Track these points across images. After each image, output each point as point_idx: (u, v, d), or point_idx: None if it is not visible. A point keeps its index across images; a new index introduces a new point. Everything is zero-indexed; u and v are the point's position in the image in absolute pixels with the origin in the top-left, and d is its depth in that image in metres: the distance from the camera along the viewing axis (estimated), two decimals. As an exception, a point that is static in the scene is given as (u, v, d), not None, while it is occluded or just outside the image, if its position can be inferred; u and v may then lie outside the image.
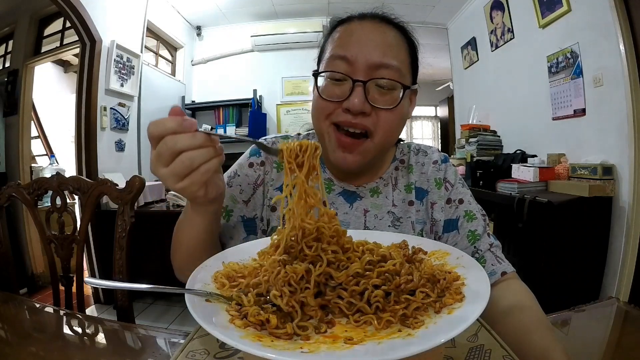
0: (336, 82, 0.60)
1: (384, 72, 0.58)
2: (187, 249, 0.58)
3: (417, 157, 0.74)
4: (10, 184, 1.02)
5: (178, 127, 0.42)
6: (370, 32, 0.60)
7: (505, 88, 2.86)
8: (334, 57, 0.60)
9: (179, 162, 0.42)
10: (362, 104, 0.57)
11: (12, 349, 0.54)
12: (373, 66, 0.58)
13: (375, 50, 0.58)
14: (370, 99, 0.58)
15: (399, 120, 0.62)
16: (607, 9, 1.82)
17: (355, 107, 0.57)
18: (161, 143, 0.42)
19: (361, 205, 0.69)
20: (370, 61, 0.57)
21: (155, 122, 0.42)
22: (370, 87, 0.58)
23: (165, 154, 0.42)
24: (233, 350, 0.43)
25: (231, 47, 3.88)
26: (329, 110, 0.60)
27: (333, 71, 0.60)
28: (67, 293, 0.99)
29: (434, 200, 0.69)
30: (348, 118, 0.58)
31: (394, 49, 0.60)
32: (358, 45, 0.59)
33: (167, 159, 0.42)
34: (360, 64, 0.58)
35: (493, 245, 0.64)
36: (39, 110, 3.38)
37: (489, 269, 0.60)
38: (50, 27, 2.93)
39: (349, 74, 0.58)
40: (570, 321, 0.60)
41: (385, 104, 0.59)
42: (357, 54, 0.58)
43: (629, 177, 1.79)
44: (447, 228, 0.68)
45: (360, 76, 0.58)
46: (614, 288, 1.84)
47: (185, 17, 3.73)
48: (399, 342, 0.28)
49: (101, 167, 2.53)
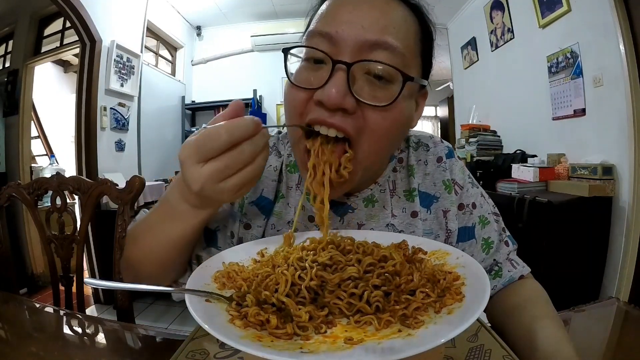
0: (313, 64, 0.45)
1: (380, 54, 0.42)
2: (154, 260, 0.49)
3: (417, 153, 0.61)
4: (10, 184, 1.02)
5: (254, 130, 0.37)
6: (369, 3, 0.44)
7: (505, 88, 2.86)
8: (313, 34, 0.44)
9: (249, 170, 0.37)
10: (342, 95, 0.41)
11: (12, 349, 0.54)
12: (365, 45, 0.42)
13: (372, 25, 0.42)
14: (356, 91, 0.42)
15: (396, 126, 0.46)
16: (607, 9, 1.82)
17: (331, 99, 0.41)
18: (237, 151, 0.36)
19: (354, 219, 0.57)
20: (361, 38, 0.42)
21: (233, 125, 0.36)
22: (358, 74, 0.43)
23: (236, 165, 0.37)
24: (233, 350, 0.43)
25: (231, 47, 3.89)
26: (301, 105, 0.45)
27: (307, 46, 0.44)
28: (67, 293, 0.99)
29: (446, 207, 0.58)
30: (321, 115, 0.43)
31: (398, 27, 0.43)
32: (348, 17, 0.42)
33: (235, 169, 0.37)
34: (348, 41, 0.42)
35: (510, 252, 0.58)
36: (39, 110, 3.38)
37: (506, 276, 0.56)
38: (50, 27, 2.93)
39: (330, 53, 0.42)
40: (570, 321, 0.60)
41: (377, 100, 0.42)
42: (345, 29, 0.42)
43: (629, 177, 1.79)
44: (462, 237, 0.58)
45: (345, 56, 0.42)
46: (614, 288, 1.84)
47: (185, 17, 3.74)
48: (399, 342, 0.28)
49: (101, 167, 2.54)
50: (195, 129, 3.70)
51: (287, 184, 0.60)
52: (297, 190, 0.60)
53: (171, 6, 3.47)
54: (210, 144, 0.35)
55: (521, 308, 0.50)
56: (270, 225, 0.59)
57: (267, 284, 0.37)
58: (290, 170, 0.61)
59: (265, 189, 0.59)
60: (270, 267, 0.41)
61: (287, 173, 0.60)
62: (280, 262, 0.40)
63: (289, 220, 0.58)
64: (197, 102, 3.90)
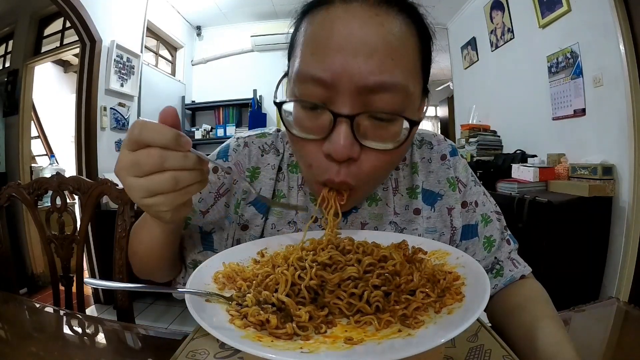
0: (310, 110, 0.42)
1: (382, 97, 0.39)
2: (145, 257, 0.52)
3: (420, 151, 0.61)
4: (10, 184, 1.02)
5: (171, 143, 0.35)
6: (360, 25, 0.39)
7: (505, 88, 2.86)
8: (305, 78, 0.41)
9: (161, 179, 0.35)
10: (350, 147, 0.40)
11: (12, 349, 0.54)
12: (364, 90, 0.39)
13: (368, 60, 0.38)
14: (361, 137, 0.41)
15: (397, 159, 0.48)
16: (607, 9, 1.82)
17: (339, 153, 0.40)
18: (144, 152, 0.35)
19: (357, 218, 0.57)
20: (360, 82, 0.38)
21: (146, 125, 0.35)
22: (360, 120, 0.41)
23: (145, 166, 0.35)
24: (233, 350, 0.43)
25: (231, 47, 3.88)
26: (310, 156, 0.44)
27: (302, 100, 0.42)
28: (67, 293, 0.99)
29: (451, 205, 0.59)
30: (333, 176, 0.43)
31: (398, 52, 0.40)
32: (342, 54, 0.38)
33: (145, 171, 0.35)
34: (345, 86, 0.39)
35: (512, 251, 0.59)
36: (39, 110, 3.38)
37: (507, 275, 0.56)
38: (50, 27, 2.93)
39: (328, 102, 0.40)
40: (570, 321, 0.60)
41: (381, 141, 0.42)
42: (339, 70, 0.38)
43: (629, 177, 1.79)
44: (465, 235, 0.59)
45: (345, 106, 0.39)
46: (614, 288, 1.84)
47: (185, 17, 3.73)
48: (399, 342, 0.28)
49: (101, 167, 2.53)
50: (195, 129, 3.70)
51: (288, 184, 0.60)
52: (299, 191, 0.59)
53: (171, 6, 3.47)
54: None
55: (522, 308, 0.50)
56: (271, 225, 0.58)
57: (267, 284, 0.37)
58: (291, 170, 0.60)
59: (263, 188, 0.58)
60: (270, 267, 0.41)
61: (289, 173, 0.60)
62: (280, 262, 0.40)
63: (290, 221, 0.58)
64: (197, 102, 3.89)
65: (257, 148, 0.60)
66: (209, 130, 3.69)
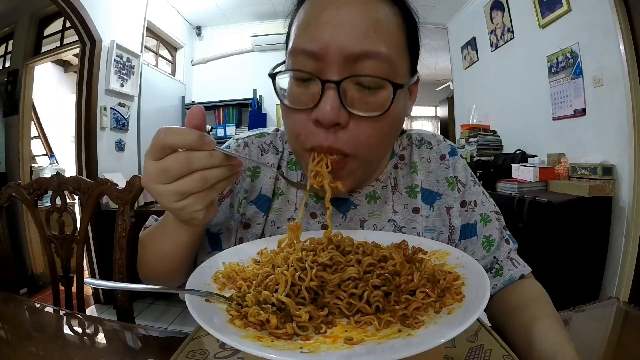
0: (302, 82, 0.46)
1: (367, 64, 0.43)
2: (162, 265, 0.52)
3: (420, 151, 0.62)
4: (10, 184, 1.02)
5: (196, 144, 0.36)
6: (346, 3, 0.43)
7: (505, 88, 2.86)
8: (297, 51, 0.45)
9: (190, 180, 0.37)
10: (337, 112, 0.42)
11: (12, 349, 0.54)
12: (350, 57, 0.42)
13: (353, 32, 0.42)
14: (348, 104, 0.43)
15: (388, 129, 0.48)
16: (607, 9, 1.82)
17: (326, 118, 0.42)
18: (171, 158, 0.36)
19: (357, 215, 0.58)
20: (345, 50, 0.42)
21: (170, 130, 0.36)
22: (347, 87, 0.43)
23: (173, 171, 0.36)
24: (233, 350, 0.43)
25: (231, 47, 3.88)
26: (299, 125, 0.47)
27: (295, 70, 0.45)
28: (67, 293, 0.99)
29: (450, 204, 0.59)
30: (321, 141, 0.45)
31: (381, 26, 0.43)
32: (329, 28, 0.42)
33: (174, 176, 0.37)
34: (332, 56, 0.42)
35: (511, 251, 0.59)
36: (39, 110, 3.39)
37: (507, 275, 0.56)
38: (50, 27, 2.93)
39: (317, 72, 0.44)
40: (570, 321, 0.60)
41: (369, 110, 0.44)
42: (327, 42, 0.42)
43: (629, 177, 1.79)
44: (464, 234, 0.59)
45: (333, 74, 0.43)
46: (614, 288, 1.84)
47: (185, 17, 3.73)
48: (399, 342, 0.28)
49: (101, 167, 2.53)
50: (195, 129, 3.69)
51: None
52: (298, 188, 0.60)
53: (171, 6, 3.47)
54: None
55: (521, 308, 0.50)
56: (270, 222, 0.59)
57: (267, 284, 0.37)
58: (290, 168, 0.61)
59: (264, 187, 0.59)
60: (270, 267, 0.41)
61: (288, 170, 0.61)
62: (280, 262, 0.40)
63: (289, 217, 0.59)
64: (197, 102, 3.89)
65: (256, 148, 0.62)
66: (209, 130, 3.69)
